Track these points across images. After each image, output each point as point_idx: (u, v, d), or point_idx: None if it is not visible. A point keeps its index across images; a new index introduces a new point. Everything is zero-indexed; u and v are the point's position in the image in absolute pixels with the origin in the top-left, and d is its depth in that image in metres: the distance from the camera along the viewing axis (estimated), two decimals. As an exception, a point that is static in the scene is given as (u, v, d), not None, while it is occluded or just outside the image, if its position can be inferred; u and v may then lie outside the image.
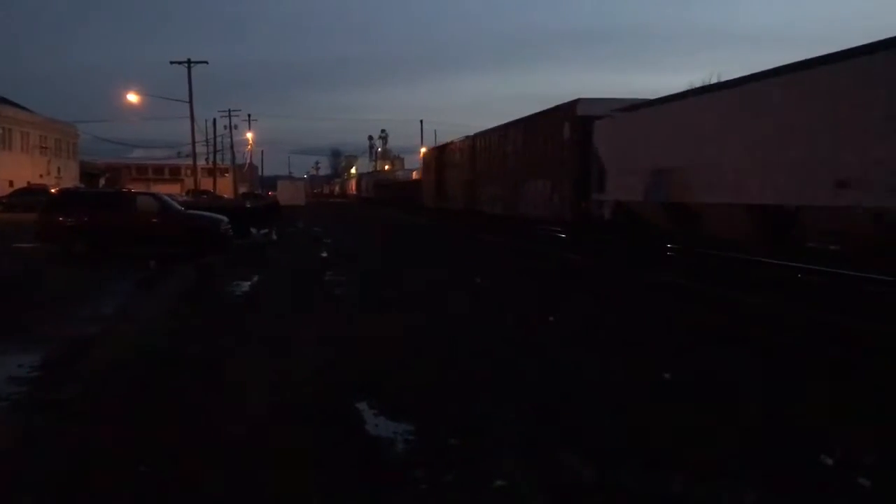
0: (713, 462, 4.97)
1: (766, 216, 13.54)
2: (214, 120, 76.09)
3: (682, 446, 5.26)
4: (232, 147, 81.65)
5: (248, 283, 14.88)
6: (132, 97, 50.90)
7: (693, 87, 18.72)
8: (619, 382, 7.01)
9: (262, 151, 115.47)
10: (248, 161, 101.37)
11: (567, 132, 22.01)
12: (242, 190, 79.13)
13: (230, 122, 76.52)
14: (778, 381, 6.98)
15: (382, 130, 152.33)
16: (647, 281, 14.26)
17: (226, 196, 62.20)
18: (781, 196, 13.09)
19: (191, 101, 51.67)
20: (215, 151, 78.25)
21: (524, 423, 5.82)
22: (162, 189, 49.83)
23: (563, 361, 7.86)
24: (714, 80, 30.19)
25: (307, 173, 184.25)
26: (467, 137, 35.88)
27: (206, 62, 53.30)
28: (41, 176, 64.23)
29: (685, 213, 16.16)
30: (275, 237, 28.73)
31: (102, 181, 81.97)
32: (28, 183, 56.85)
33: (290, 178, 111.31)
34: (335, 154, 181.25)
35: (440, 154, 43.34)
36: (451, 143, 40.76)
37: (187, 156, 64.84)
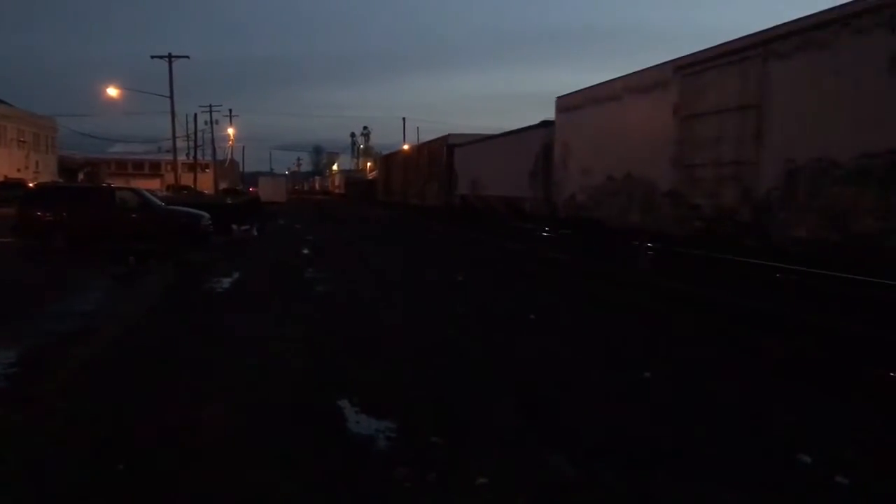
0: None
1: (510, 203, 25.83)
2: (195, 115, 75.66)
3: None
4: (213, 142, 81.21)
5: (229, 279, 14.80)
6: (112, 91, 50.38)
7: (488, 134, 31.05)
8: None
9: (244, 147, 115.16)
10: (229, 157, 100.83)
11: (444, 154, 35.93)
12: (223, 186, 78.68)
13: (211, 118, 76.17)
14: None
15: (365, 127, 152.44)
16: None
17: (206, 192, 61.86)
18: (511, 192, 25.15)
19: (171, 96, 51.25)
20: (196, 147, 77.82)
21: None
22: (142, 184, 49.46)
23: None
24: None
25: (288, 169, 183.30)
26: (401, 150, 51.62)
27: (188, 57, 52.82)
28: (19, 170, 63.53)
29: (484, 200, 29.45)
30: (255, 233, 28.59)
31: (81, 176, 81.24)
32: (5, 177, 56.24)
33: (271, 174, 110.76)
34: (317, 151, 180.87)
35: (387, 161, 59.77)
36: (394, 153, 55.99)
37: (167, 151, 64.38)
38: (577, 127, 19.18)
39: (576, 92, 19.52)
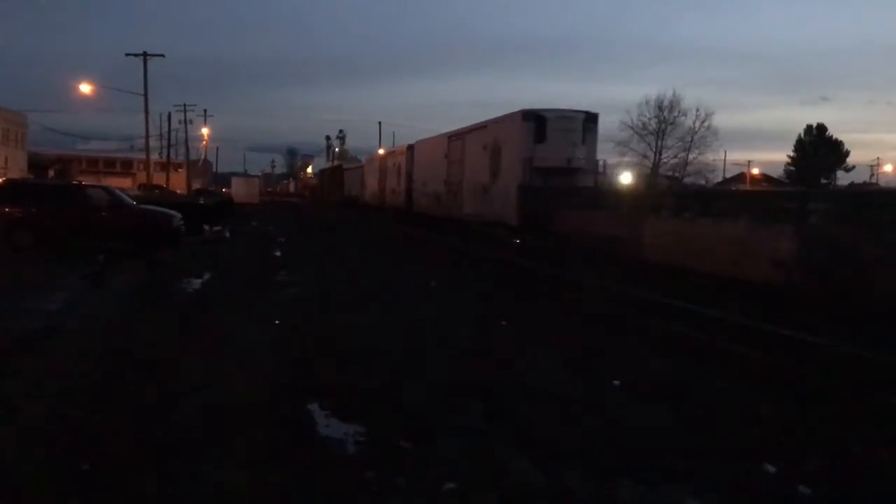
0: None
1: (390, 203, 43.72)
2: (169, 114, 74.90)
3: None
4: (187, 142, 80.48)
5: (200, 280, 14.67)
6: (85, 88, 49.78)
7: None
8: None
9: (217, 148, 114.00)
10: (202, 157, 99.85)
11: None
12: (196, 186, 77.94)
13: (185, 117, 75.38)
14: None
15: (340, 131, 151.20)
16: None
17: (179, 192, 61.27)
18: (390, 198, 43.75)
19: (146, 94, 50.80)
20: (170, 146, 77.10)
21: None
22: (113, 183, 48.69)
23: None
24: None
25: (262, 171, 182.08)
26: (370, 156, 60.76)
27: (163, 55, 52.43)
28: (-14, 166, 62.52)
29: (401, 199, 41.38)
30: (228, 235, 28.39)
31: (52, 173, 80.00)
32: (-28, 172, 55.34)
33: (244, 175, 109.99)
34: (291, 153, 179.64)
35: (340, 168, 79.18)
36: (366, 158, 65.77)
37: (140, 150, 63.70)
38: (418, 161, 38.05)
39: (418, 142, 38.89)
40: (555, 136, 24.45)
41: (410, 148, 39.97)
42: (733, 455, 5.38)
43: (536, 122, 24.52)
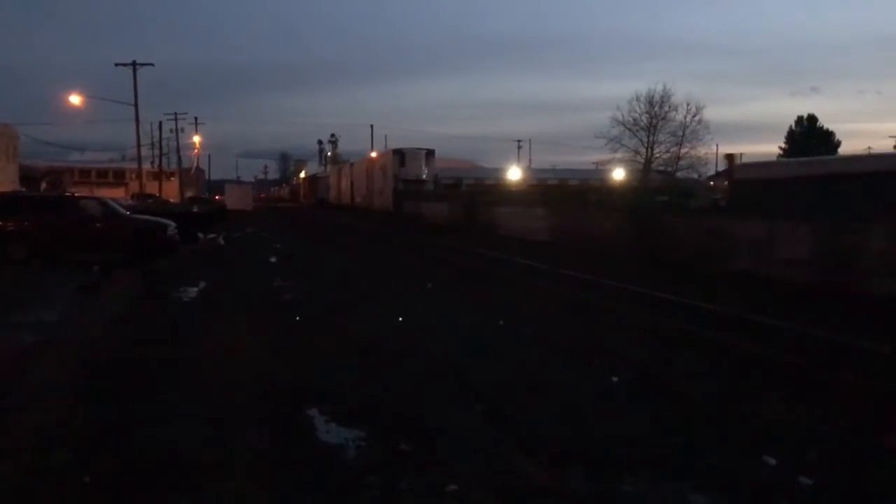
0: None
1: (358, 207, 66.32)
2: (160, 123, 74.85)
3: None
4: (178, 150, 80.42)
5: (196, 288, 14.65)
6: (75, 99, 49.74)
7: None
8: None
9: (209, 155, 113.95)
10: (194, 165, 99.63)
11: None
12: (189, 194, 77.80)
13: (176, 126, 75.35)
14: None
15: (332, 134, 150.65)
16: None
17: (172, 200, 61.19)
18: (361, 199, 65.69)
19: (136, 104, 50.84)
20: (161, 155, 76.99)
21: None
22: (106, 193, 48.70)
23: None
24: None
25: (255, 177, 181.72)
26: (332, 169, 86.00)
27: (153, 65, 52.52)
28: (-22, 180, 62.21)
29: (347, 198, 71.23)
30: (222, 242, 28.35)
31: (44, 185, 79.70)
32: (-36, 187, 55.07)
33: (237, 181, 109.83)
34: (284, 158, 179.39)
35: (316, 175, 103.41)
36: (330, 171, 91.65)
37: (132, 159, 63.60)
38: (354, 175, 68.05)
39: (354, 162, 71.63)
40: (410, 163, 50.69)
41: (350, 165, 72.47)
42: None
43: (400, 155, 51.29)
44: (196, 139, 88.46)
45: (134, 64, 50.41)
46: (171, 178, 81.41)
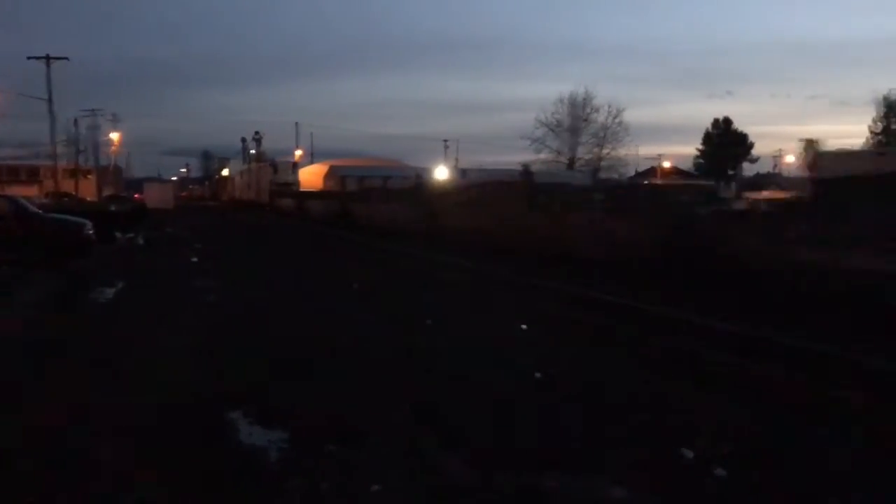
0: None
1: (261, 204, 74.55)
2: (76, 119, 72.46)
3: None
4: (96, 147, 77.99)
5: (113, 289, 14.28)
6: (-17, 93, 47.69)
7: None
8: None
9: (129, 152, 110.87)
10: (112, 162, 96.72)
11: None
12: (107, 192, 75.49)
13: (94, 122, 73.04)
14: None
15: (256, 132, 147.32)
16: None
17: (89, 199, 59.31)
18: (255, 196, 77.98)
19: (50, 99, 49.18)
20: (78, 151, 74.54)
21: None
22: (18, 191, 46.74)
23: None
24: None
25: (177, 175, 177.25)
26: (237, 172, 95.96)
27: (67, 59, 50.80)
28: None
29: (246, 195, 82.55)
30: (141, 241, 27.67)
31: (-50, 183, 76.26)
32: None
33: (159, 179, 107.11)
34: (206, 156, 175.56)
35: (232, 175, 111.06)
36: (235, 173, 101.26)
37: (47, 156, 61.40)
38: (246, 179, 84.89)
39: (243, 169, 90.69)
40: (282, 171, 72.79)
41: (240, 172, 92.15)
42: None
43: (275, 165, 75.77)
44: (114, 136, 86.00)
45: (48, 57, 48.74)
46: (89, 177, 78.89)
